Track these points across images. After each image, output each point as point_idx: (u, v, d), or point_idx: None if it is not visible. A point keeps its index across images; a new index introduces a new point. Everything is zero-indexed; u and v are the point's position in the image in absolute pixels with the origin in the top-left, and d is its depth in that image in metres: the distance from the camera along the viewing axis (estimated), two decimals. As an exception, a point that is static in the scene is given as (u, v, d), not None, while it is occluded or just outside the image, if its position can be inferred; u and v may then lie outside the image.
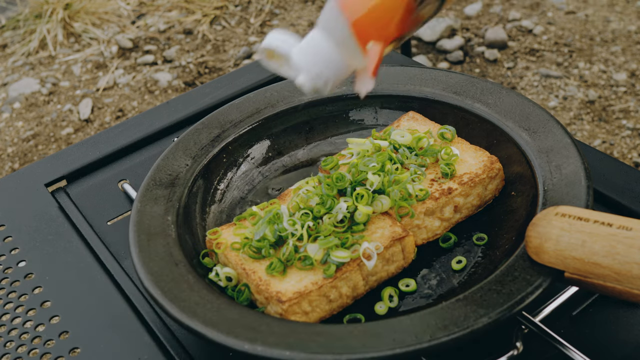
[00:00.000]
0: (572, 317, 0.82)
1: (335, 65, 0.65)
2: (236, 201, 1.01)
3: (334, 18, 0.63)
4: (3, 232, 1.03)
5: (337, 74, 0.66)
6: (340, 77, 0.66)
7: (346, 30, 0.62)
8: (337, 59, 0.65)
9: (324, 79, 0.66)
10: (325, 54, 0.64)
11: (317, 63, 0.65)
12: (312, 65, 0.65)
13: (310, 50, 0.65)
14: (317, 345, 0.70)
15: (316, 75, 0.66)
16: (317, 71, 0.65)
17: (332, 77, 0.66)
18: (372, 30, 0.62)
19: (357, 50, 0.63)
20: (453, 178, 0.91)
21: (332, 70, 0.65)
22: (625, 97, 2.48)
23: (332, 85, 0.67)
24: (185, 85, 2.86)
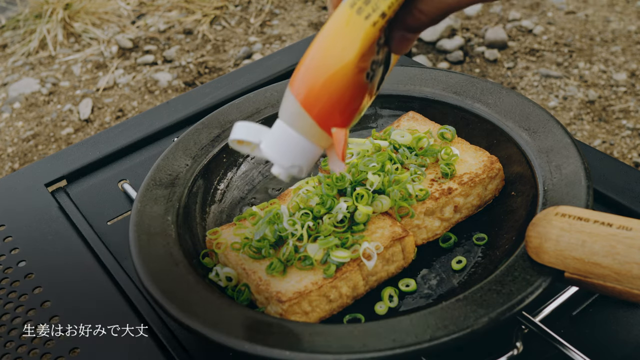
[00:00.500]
0: (572, 317, 0.82)
1: (305, 153, 0.67)
2: (236, 201, 1.01)
3: (295, 110, 0.65)
4: (3, 232, 1.03)
5: (309, 160, 0.68)
6: (313, 160, 0.69)
7: (307, 119, 0.64)
8: (306, 146, 0.67)
9: (298, 168, 0.68)
10: (294, 145, 0.66)
11: (287, 155, 0.67)
12: (283, 158, 0.68)
13: (278, 143, 0.67)
14: (317, 345, 0.70)
15: (290, 166, 0.68)
16: (290, 163, 0.68)
17: (304, 164, 0.68)
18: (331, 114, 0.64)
19: (322, 135, 0.66)
20: (453, 178, 0.91)
21: (303, 158, 0.68)
22: (625, 97, 2.48)
23: (307, 170, 0.69)
24: (185, 85, 2.86)
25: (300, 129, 0.66)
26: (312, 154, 0.68)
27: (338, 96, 0.64)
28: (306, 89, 0.64)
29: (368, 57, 0.64)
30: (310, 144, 0.66)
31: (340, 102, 0.64)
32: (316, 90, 0.63)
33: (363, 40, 0.62)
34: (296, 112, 0.65)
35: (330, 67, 0.63)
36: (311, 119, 0.64)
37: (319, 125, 0.65)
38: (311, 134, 0.66)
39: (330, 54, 0.62)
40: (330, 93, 0.63)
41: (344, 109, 0.65)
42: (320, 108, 0.64)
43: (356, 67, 0.63)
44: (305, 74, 0.63)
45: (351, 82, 0.64)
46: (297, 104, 0.64)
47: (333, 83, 0.63)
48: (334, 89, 0.63)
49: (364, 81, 0.65)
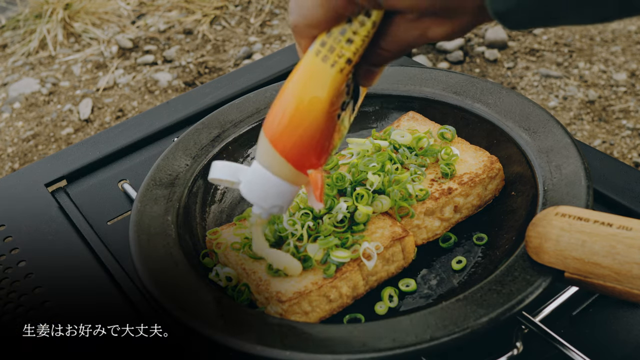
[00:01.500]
0: (572, 317, 0.82)
1: (283, 194, 0.69)
2: (236, 201, 1.01)
3: (270, 154, 0.67)
4: (3, 232, 1.03)
5: (288, 199, 0.70)
6: (292, 198, 0.70)
7: (282, 162, 0.66)
8: (283, 188, 0.68)
9: (278, 208, 0.70)
10: (271, 187, 0.68)
11: (266, 197, 0.69)
12: (262, 200, 0.70)
13: (256, 186, 0.69)
14: (317, 345, 0.70)
15: (270, 207, 0.70)
16: (269, 204, 0.70)
17: (284, 203, 0.70)
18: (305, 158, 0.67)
19: (298, 176, 0.67)
20: (453, 178, 0.91)
21: (282, 199, 0.69)
22: (625, 97, 2.48)
23: (287, 207, 0.71)
24: (185, 85, 2.86)
25: (276, 172, 0.67)
26: (290, 193, 0.69)
27: (311, 141, 0.65)
28: (279, 135, 0.65)
29: (337, 101, 0.65)
30: (287, 185, 0.68)
31: (313, 146, 0.66)
32: (289, 137, 0.65)
33: (331, 88, 0.63)
34: (271, 156, 0.67)
35: (301, 118, 0.64)
36: (286, 162, 0.66)
37: (294, 167, 0.66)
38: (287, 176, 0.67)
39: (301, 103, 0.64)
40: (303, 139, 0.65)
41: (317, 152, 0.67)
42: (294, 153, 0.66)
43: (326, 113, 0.64)
44: (277, 121, 0.65)
45: (323, 126, 0.65)
46: (272, 148, 0.66)
47: (306, 132, 0.65)
48: (306, 136, 0.65)
49: (335, 122, 0.66)
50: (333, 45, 0.62)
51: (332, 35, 0.62)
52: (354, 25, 0.61)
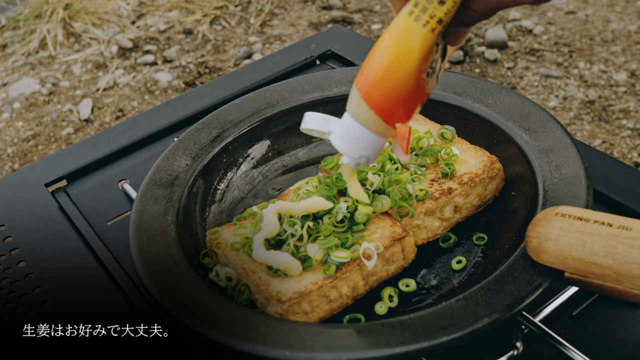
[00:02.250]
0: (572, 317, 0.82)
1: (371, 145, 0.73)
2: (236, 201, 1.01)
3: (361, 108, 0.71)
4: (3, 232, 1.03)
5: (376, 150, 0.74)
6: (379, 149, 0.74)
7: (372, 116, 0.70)
8: (372, 139, 0.72)
9: (366, 158, 0.74)
10: (361, 138, 0.72)
11: (355, 147, 0.73)
12: (352, 150, 0.74)
13: (346, 136, 0.73)
14: (317, 345, 0.70)
15: (358, 157, 0.74)
16: (358, 154, 0.74)
17: (372, 154, 0.74)
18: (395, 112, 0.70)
19: (386, 129, 0.71)
20: (453, 178, 0.91)
21: (370, 149, 0.73)
22: (625, 97, 2.48)
23: (374, 158, 0.75)
24: (185, 85, 2.86)
25: (366, 124, 0.71)
26: (379, 145, 0.73)
27: (400, 97, 0.69)
28: (371, 91, 0.69)
29: (427, 59, 0.68)
30: (376, 136, 0.72)
31: (402, 101, 0.69)
32: (379, 91, 0.69)
33: (422, 46, 0.67)
34: (362, 110, 0.70)
35: (392, 73, 0.68)
36: (376, 116, 0.70)
37: (384, 121, 0.70)
38: (376, 128, 0.71)
39: (393, 59, 0.67)
40: (393, 95, 0.69)
41: (406, 107, 0.70)
42: (384, 107, 0.69)
43: (417, 71, 0.68)
44: (369, 76, 0.69)
45: (412, 83, 0.68)
46: (363, 103, 0.70)
47: (396, 86, 0.68)
48: (396, 91, 0.68)
49: (424, 80, 0.70)
50: (426, 5, 0.66)
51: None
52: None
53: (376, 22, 3.15)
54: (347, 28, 1.54)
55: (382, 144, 0.73)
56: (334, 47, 1.39)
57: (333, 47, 1.40)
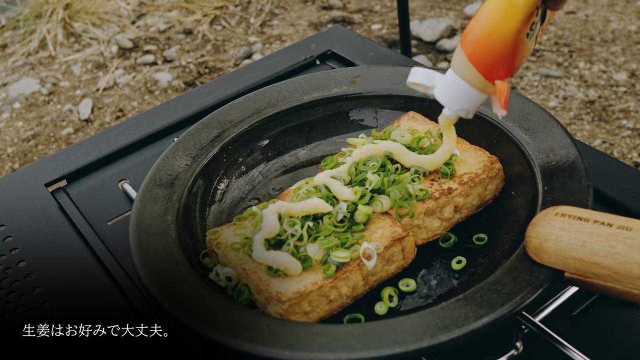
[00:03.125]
0: (572, 317, 0.82)
1: (471, 99, 0.80)
2: (236, 201, 1.01)
3: (464, 64, 0.78)
4: (3, 232, 1.03)
5: (475, 104, 0.81)
6: (478, 104, 0.81)
7: (474, 72, 0.77)
8: (472, 94, 0.80)
9: (465, 111, 0.82)
10: (462, 93, 0.80)
11: (457, 101, 0.81)
12: (453, 103, 0.82)
13: (449, 90, 0.81)
14: (317, 345, 0.70)
15: (459, 109, 0.82)
16: (458, 107, 0.82)
17: (471, 107, 0.82)
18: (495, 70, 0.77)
19: (487, 85, 0.78)
20: (453, 178, 0.91)
21: (470, 103, 0.81)
22: (625, 97, 2.48)
23: (473, 112, 0.83)
24: (185, 85, 2.86)
25: (468, 80, 0.78)
26: (478, 99, 0.80)
27: (502, 55, 0.76)
28: (473, 46, 0.76)
29: (529, 20, 0.75)
30: (476, 92, 0.79)
31: (503, 59, 0.76)
32: (482, 49, 0.76)
33: (524, 8, 0.74)
34: (465, 66, 0.78)
35: (495, 31, 0.75)
36: (478, 72, 0.77)
37: (484, 77, 0.77)
38: (477, 84, 0.78)
39: (496, 20, 0.75)
40: (495, 53, 0.76)
41: (506, 65, 0.77)
42: (486, 64, 0.76)
43: (518, 32, 0.75)
44: (474, 35, 0.76)
45: (514, 43, 0.75)
46: (467, 60, 0.77)
47: (498, 45, 0.75)
48: (498, 50, 0.75)
49: (524, 40, 0.76)
50: None
51: None
52: None
53: (376, 22, 3.15)
54: (347, 28, 1.54)
55: (481, 98, 0.80)
56: (334, 47, 1.39)
57: (333, 47, 1.40)
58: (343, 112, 1.11)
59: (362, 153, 0.93)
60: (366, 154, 0.93)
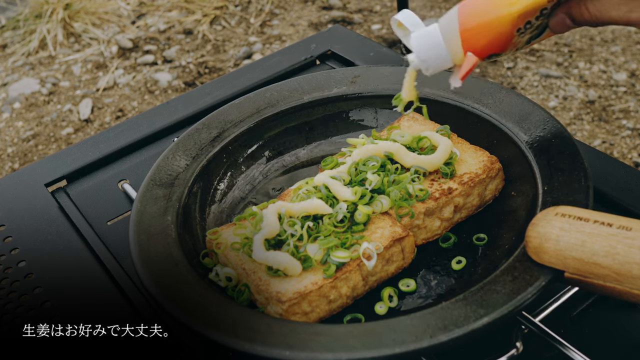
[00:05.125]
0: (572, 317, 0.82)
1: (440, 60, 0.83)
2: (236, 201, 1.01)
3: (451, 23, 0.80)
4: (3, 232, 1.03)
5: (439, 66, 0.84)
6: (441, 68, 0.84)
7: (456, 34, 0.79)
8: (443, 55, 0.82)
9: (428, 67, 0.84)
10: (435, 49, 0.82)
11: (427, 53, 0.83)
12: (422, 54, 0.83)
13: (425, 41, 0.83)
14: (317, 345, 0.70)
15: (423, 61, 0.84)
16: (425, 59, 0.83)
17: (434, 67, 0.84)
18: (475, 42, 0.79)
19: (459, 53, 0.80)
20: (453, 178, 0.91)
21: (436, 62, 0.83)
22: (625, 97, 2.48)
23: (432, 71, 0.85)
24: (185, 85, 2.86)
25: (446, 39, 0.81)
26: (444, 61, 0.83)
27: (487, 33, 0.78)
28: (467, 16, 0.78)
29: (525, 18, 0.77)
30: (447, 53, 0.81)
31: (486, 37, 0.79)
32: (474, 20, 0.78)
33: (529, 4, 0.75)
34: (451, 27, 0.80)
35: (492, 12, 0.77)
36: (459, 35, 0.79)
37: (462, 43, 0.79)
38: (452, 47, 0.81)
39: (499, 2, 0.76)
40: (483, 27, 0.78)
41: (486, 44, 0.79)
42: (470, 34, 0.79)
43: (512, 21, 0.76)
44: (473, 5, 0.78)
45: (503, 29, 0.77)
46: (456, 21, 0.79)
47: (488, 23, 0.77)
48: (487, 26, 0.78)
49: (513, 33, 0.78)
50: None
51: None
52: None
53: (376, 22, 3.15)
54: (347, 28, 1.54)
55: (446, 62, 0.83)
56: (334, 47, 1.39)
57: (333, 47, 1.40)
58: (343, 112, 1.11)
59: (362, 153, 0.93)
60: (366, 154, 0.93)
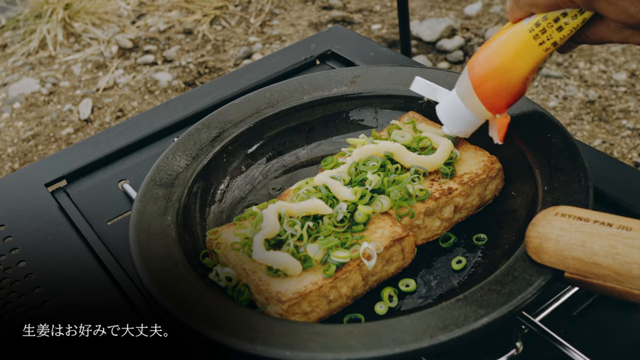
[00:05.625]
0: (572, 317, 0.82)
1: (471, 124, 0.89)
2: (236, 201, 1.01)
3: (468, 92, 0.84)
4: (3, 232, 1.03)
5: (473, 127, 0.89)
6: (476, 127, 0.89)
7: (477, 101, 0.84)
8: (472, 119, 0.87)
9: (464, 132, 0.90)
10: (463, 117, 0.88)
11: (457, 123, 0.89)
12: (453, 125, 0.90)
13: (450, 112, 0.89)
14: (317, 345, 0.70)
15: (458, 131, 0.90)
16: (458, 129, 0.90)
17: (469, 130, 0.90)
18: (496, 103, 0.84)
19: (486, 113, 0.86)
20: (453, 178, 0.91)
21: (469, 126, 0.89)
22: (625, 97, 2.48)
23: (471, 133, 0.91)
24: (185, 85, 2.86)
25: (470, 107, 0.86)
26: (477, 124, 0.89)
27: (506, 95, 0.83)
28: (480, 81, 0.83)
29: (535, 70, 0.82)
30: (475, 117, 0.87)
31: (506, 97, 0.83)
32: (489, 87, 0.83)
33: (534, 62, 0.81)
34: (470, 96, 0.84)
35: (503, 76, 0.81)
36: (480, 102, 0.84)
37: (485, 107, 0.84)
38: (478, 112, 0.86)
39: (506, 66, 0.81)
40: (500, 92, 0.83)
41: (508, 102, 0.84)
42: (489, 98, 0.83)
43: (524, 78, 0.82)
44: (482, 70, 0.82)
45: (519, 86, 0.82)
46: (472, 91, 0.84)
47: (503, 87, 0.82)
48: (503, 90, 0.82)
49: (527, 83, 0.83)
50: (546, 28, 0.78)
51: (547, 20, 0.78)
52: (567, 18, 0.77)
53: (376, 22, 3.15)
54: (347, 28, 1.54)
55: (479, 123, 0.88)
56: (334, 47, 1.39)
57: (333, 47, 1.40)
58: (343, 112, 1.11)
59: (362, 153, 0.93)
60: (366, 154, 0.93)
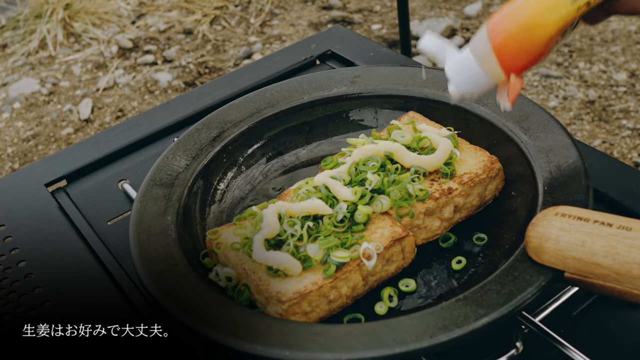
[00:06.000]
0: (572, 317, 0.82)
1: (481, 85, 0.79)
2: (236, 201, 1.01)
3: (485, 50, 0.76)
4: (3, 232, 1.03)
5: (482, 89, 0.80)
6: (484, 90, 0.80)
7: (493, 60, 0.76)
8: (483, 80, 0.78)
9: (470, 93, 0.81)
10: (474, 76, 0.78)
11: (467, 82, 0.80)
12: (462, 84, 0.80)
13: (461, 70, 0.80)
14: (317, 345, 0.70)
15: (465, 91, 0.81)
16: (466, 89, 0.80)
17: (477, 91, 0.81)
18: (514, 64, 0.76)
19: (500, 75, 0.77)
20: (453, 178, 0.91)
21: (478, 87, 0.80)
22: (625, 97, 2.48)
23: (477, 95, 0.83)
24: (185, 85, 2.86)
25: (484, 67, 0.77)
26: (487, 85, 0.79)
27: (527, 55, 0.75)
28: (501, 38, 0.74)
29: (562, 31, 0.75)
30: (487, 78, 0.78)
31: (525, 57, 0.75)
32: (510, 43, 0.74)
33: (564, 21, 0.73)
34: (486, 53, 0.76)
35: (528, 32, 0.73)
36: (497, 61, 0.76)
37: (501, 68, 0.76)
38: (491, 72, 0.77)
39: (533, 21, 0.73)
40: (521, 50, 0.74)
41: (526, 63, 0.76)
42: (509, 58, 0.75)
43: (550, 38, 0.74)
44: (505, 25, 0.74)
45: (541, 47, 0.74)
46: (489, 46, 0.75)
47: (526, 44, 0.74)
48: (525, 48, 0.74)
49: (551, 46, 0.76)
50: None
51: None
52: None
53: (376, 22, 3.15)
54: (347, 28, 1.54)
55: (489, 85, 0.79)
56: (334, 47, 1.39)
57: (333, 47, 1.40)
58: (343, 112, 1.11)
59: (362, 153, 0.93)
60: (366, 154, 0.93)
